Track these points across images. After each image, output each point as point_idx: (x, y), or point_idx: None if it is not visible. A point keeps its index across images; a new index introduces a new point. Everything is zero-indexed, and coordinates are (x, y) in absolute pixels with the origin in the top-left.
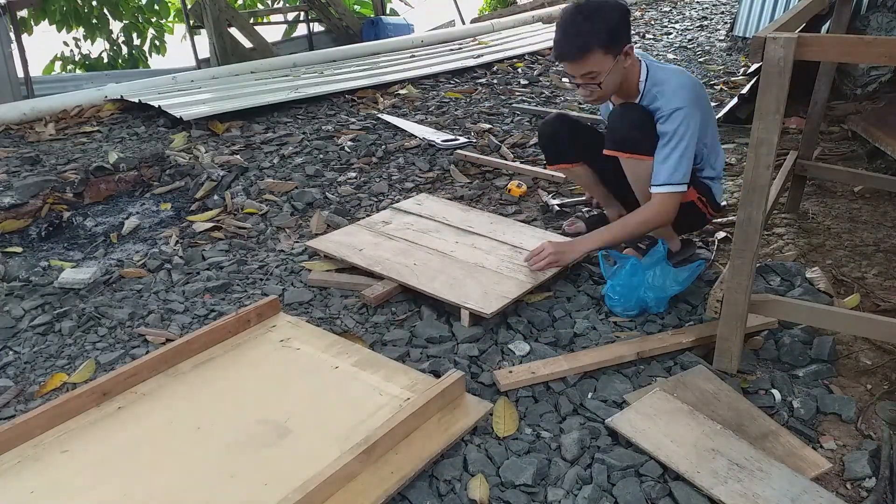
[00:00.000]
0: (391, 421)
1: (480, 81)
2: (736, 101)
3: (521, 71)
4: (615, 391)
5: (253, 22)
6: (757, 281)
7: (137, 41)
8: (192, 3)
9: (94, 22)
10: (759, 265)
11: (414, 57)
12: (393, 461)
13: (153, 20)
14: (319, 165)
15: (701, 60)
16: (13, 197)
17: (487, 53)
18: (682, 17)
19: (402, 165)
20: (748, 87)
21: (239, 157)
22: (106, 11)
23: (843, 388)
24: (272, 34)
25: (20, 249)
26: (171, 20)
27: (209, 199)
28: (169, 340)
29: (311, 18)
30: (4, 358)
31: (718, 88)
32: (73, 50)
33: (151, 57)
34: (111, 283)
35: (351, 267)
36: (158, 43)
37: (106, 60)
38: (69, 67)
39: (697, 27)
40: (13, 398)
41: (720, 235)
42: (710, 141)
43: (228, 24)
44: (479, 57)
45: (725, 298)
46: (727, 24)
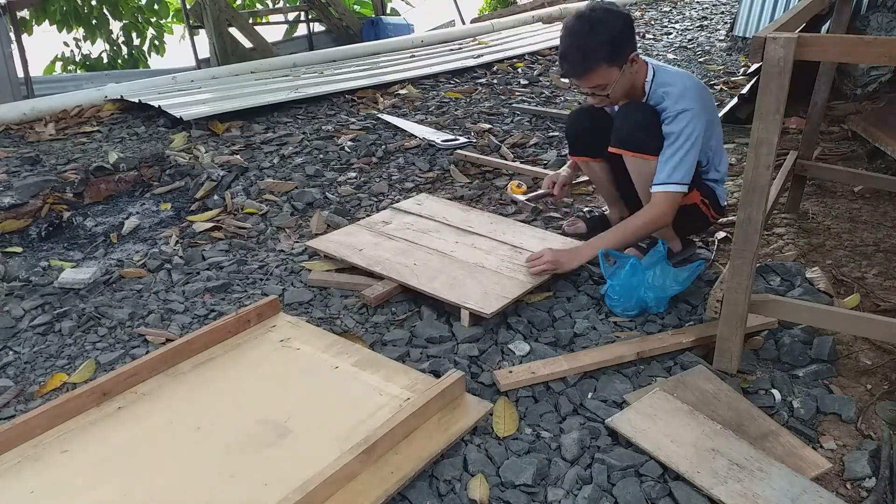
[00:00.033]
0: (391, 421)
1: (480, 81)
2: (736, 101)
3: (521, 71)
4: (615, 391)
5: (253, 22)
6: (757, 281)
7: (137, 41)
8: (191, 3)
9: (93, 22)
10: (759, 265)
11: (414, 57)
12: (393, 461)
13: (153, 20)
14: (319, 165)
15: (701, 60)
16: (13, 197)
17: (487, 53)
18: (682, 17)
19: (402, 165)
20: (748, 87)
21: (239, 157)
22: (106, 11)
23: (843, 388)
24: (272, 34)
25: (20, 249)
26: (170, 20)
27: (209, 199)
28: (169, 340)
29: (311, 18)
30: (4, 358)
31: (718, 88)
32: (73, 50)
33: (151, 57)
34: (111, 283)
35: (351, 267)
36: (158, 43)
37: (106, 61)
38: (69, 68)
39: (697, 27)
40: (13, 398)
41: (720, 235)
42: (715, 144)
43: (228, 24)
44: (479, 57)
45: (725, 298)
46: (727, 24)
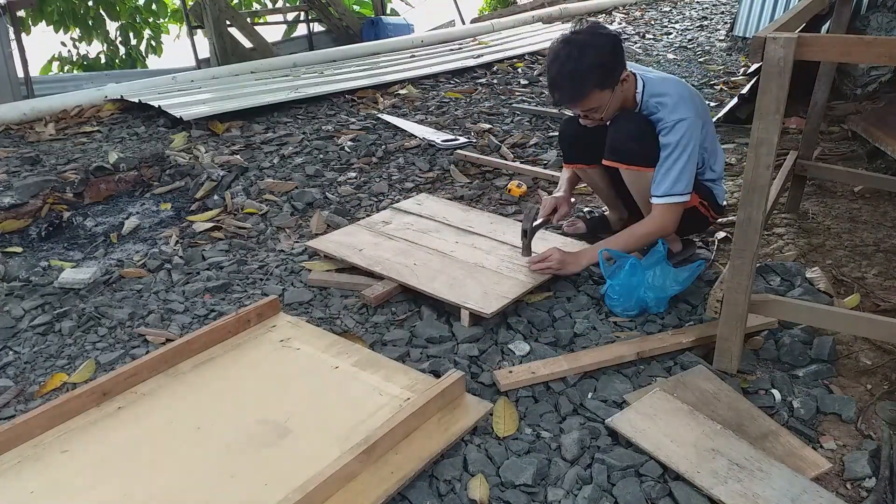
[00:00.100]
0: (391, 421)
1: (480, 81)
2: (736, 101)
3: (521, 71)
4: (615, 391)
5: (252, 22)
6: (757, 281)
7: (134, 41)
8: (191, 3)
9: (90, 23)
10: (759, 265)
11: (414, 57)
12: (393, 461)
13: (150, 20)
14: (319, 165)
15: (701, 60)
16: (13, 197)
17: (487, 53)
18: (682, 17)
19: (402, 165)
20: (748, 87)
21: (239, 157)
22: (102, 12)
23: (843, 388)
24: (272, 34)
25: (20, 249)
26: (167, 20)
27: (209, 199)
28: (169, 340)
29: (311, 18)
30: (4, 358)
31: (718, 88)
32: (70, 50)
33: (148, 57)
34: (111, 283)
35: (351, 267)
36: (155, 43)
37: (103, 61)
38: (66, 68)
39: (697, 27)
40: (13, 398)
41: (720, 235)
42: (709, 145)
43: (228, 24)
44: (479, 57)
45: (725, 298)
46: (727, 24)
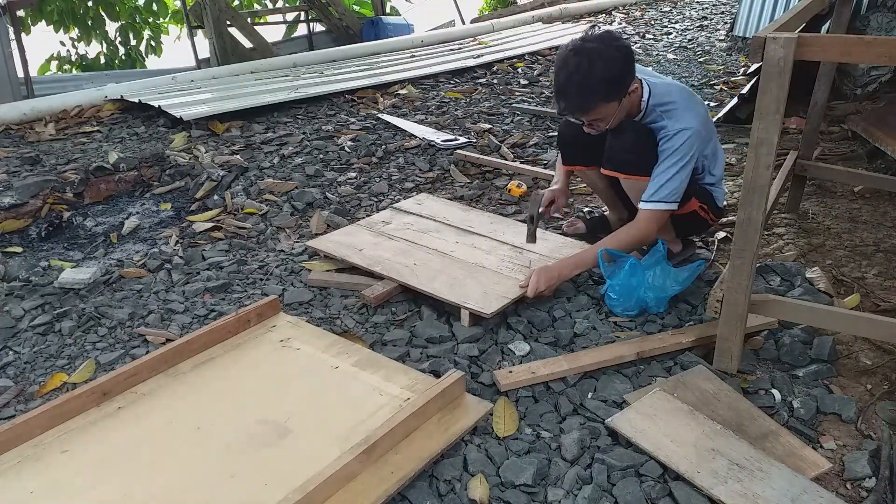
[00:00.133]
0: (391, 421)
1: (480, 81)
2: (736, 101)
3: (521, 71)
4: (615, 391)
5: (252, 22)
6: (757, 281)
7: (134, 41)
8: (191, 3)
9: (89, 23)
10: (759, 265)
11: (414, 57)
12: (393, 461)
13: (150, 21)
14: (319, 165)
15: (701, 60)
16: (13, 197)
17: (487, 53)
18: (682, 17)
19: (402, 165)
20: (748, 87)
21: (239, 157)
22: (102, 12)
23: (843, 388)
24: (272, 34)
25: (20, 249)
26: (167, 21)
27: (209, 199)
28: (169, 340)
29: (311, 18)
30: (4, 358)
31: (718, 88)
32: (69, 50)
33: (148, 58)
34: (111, 283)
35: (351, 267)
36: (154, 44)
37: (103, 61)
38: (65, 68)
39: (697, 27)
40: (13, 398)
41: (720, 235)
42: (709, 152)
43: (228, 24)
44: (479, 57)
45: (725, 298)
46: (727, 24)
